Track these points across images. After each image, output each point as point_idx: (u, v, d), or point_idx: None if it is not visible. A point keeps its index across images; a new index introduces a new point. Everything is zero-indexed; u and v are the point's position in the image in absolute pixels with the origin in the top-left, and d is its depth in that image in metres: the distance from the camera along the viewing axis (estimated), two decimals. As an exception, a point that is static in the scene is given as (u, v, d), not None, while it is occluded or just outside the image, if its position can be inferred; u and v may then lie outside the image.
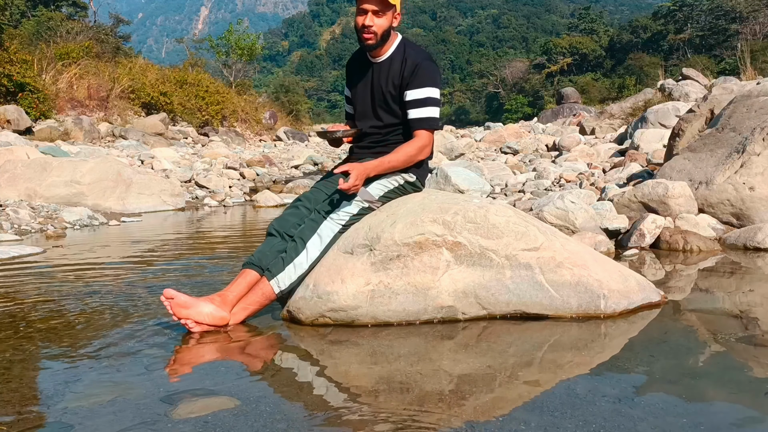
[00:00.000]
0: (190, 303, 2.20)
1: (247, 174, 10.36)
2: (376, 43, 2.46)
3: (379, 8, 2.40)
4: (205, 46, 32.81)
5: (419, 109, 2.45)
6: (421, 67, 2.45)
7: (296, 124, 27.81)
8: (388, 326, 2.24)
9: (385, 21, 2.43)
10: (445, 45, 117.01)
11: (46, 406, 1.61)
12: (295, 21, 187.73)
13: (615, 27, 76.55)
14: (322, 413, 1.54)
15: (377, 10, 2.40)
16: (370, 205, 2.46)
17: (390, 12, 2.44)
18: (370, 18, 2.40)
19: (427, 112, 2.46)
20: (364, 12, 2.42)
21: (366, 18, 2.41)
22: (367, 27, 2.41)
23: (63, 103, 13.46)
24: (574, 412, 1.50)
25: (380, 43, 2.47)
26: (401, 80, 2.47)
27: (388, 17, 2.43)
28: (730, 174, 4.07)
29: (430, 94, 2.46)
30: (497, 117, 48.63)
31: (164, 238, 4.83)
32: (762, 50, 26.16)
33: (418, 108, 2.45)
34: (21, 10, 24.47)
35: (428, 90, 2.46)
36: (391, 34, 2.50)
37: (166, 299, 2.18)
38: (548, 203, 3.99)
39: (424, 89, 2.45)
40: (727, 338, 2.05)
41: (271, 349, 2.14)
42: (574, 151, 9.40)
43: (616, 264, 2.54)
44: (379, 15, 2.41)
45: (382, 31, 2.43)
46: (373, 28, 2.41)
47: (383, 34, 2.44)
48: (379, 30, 2.42)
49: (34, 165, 6.48)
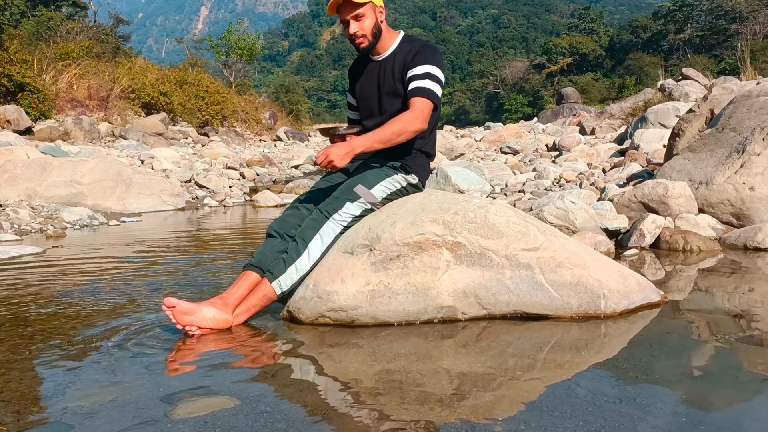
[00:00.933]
0: (192, 309, 2.20)
1: (247, 174, 10.36)
2: (371, 43, 2.50)
3: (356, 11, 2.44)
4: (205, 46, 32.86)
5: (416, 81, 2.43)
6: (423, 49, 2.48)
7: (296, 124, 27.83)
8: (388, 326, 2.24)
9: (368, 21, 2.46)
10: (445, 45, 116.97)
11: (46, 406, 1.61)
12: (295, 21, 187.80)
13: (615, 27, 76.63)
14: (322, 413, 1.54)
15: (356, 14, 2.44)
16: (373, 206, 2.47)
17: (368, 10, 2.46)
18: (353, 25, 2.46)
19: (424, 83, 2.42)
20: (346, 23, 2.48)
21: (350, 27, 2.47)
22: (354, 34, 2.47)
23: (63, 103, 13.47)
24: (574, 412, 1.50)
25: (375, 42, 2.51)
26: (404, 65, 2.48)
27: (369, 16, 2.46)
28: (730, 174, 4.07)
29: (429, 70, 2.44)
30: (497, 117, 48.66)
31: (164, 238, 4.83)
32: (762, 50, 26.17)
33: (415, 81, 2.43)
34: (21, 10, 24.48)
35: (427, 66, 2.44)
36: (383, 30, 2.53)
37: (168, 308, 2.17)
38: (548, 203, 3.99)
39: (423, 66, 2.44)
40: (727, 338, 2.05)
41: (271, 349, 2.14)
42: (574, 151, 9.40)
43: (616, 264, 2.54)
44: (360, 18, 2.45)
45: (370, 30, 2.48)
46: (359, 32, 2.47)
47: (373, 32, 2.49)
48: (367, 31, 2.47)
49: (34, 165, 6.48)
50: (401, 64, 2.50)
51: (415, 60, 2.46)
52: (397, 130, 2.36)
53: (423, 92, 2.40)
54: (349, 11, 2.44)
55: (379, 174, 2.50)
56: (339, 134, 2.60)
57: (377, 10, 2.49)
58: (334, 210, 2.42)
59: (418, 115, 2.38)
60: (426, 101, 2.40)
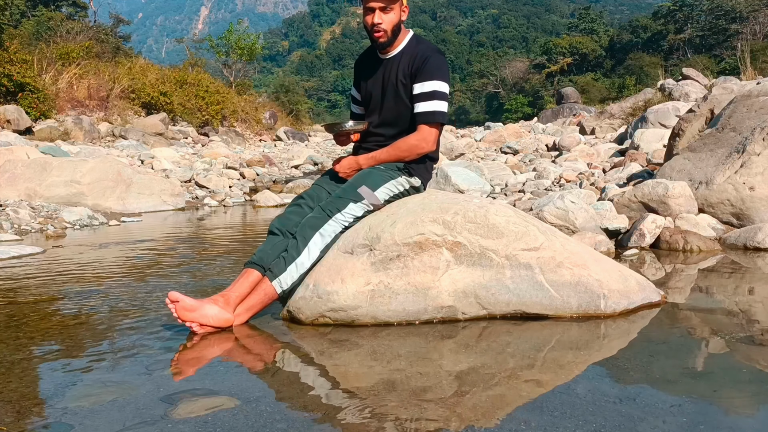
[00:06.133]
0: (195, 306, 2.20)
1: (247, 174, 10.36)
2: (388, 40, 2.49)
3: (385, 3, 2.42)
4: (205, 46, 32.85)
5: (425, 102, 2.46)
6: (431, 60, 2.47)
7: (296, 124, 27.83)
8: (388, 326, 2.24)
9: (393, 16, 2.45)
10: (445, 45, 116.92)
11: (46, 406, 1.61)
12: (295, 21, 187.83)
13: (615, 27, 76.59)
14: (322, 413, 1.54)
15: (383, 6, 2.42)
16: (375, 208, 2.47)
17: (397, 6, 2.45)
18: (378, 15, 2.43)
19: (432, 106, 2.46)
20: (371, 10, 2.44)
21: (374, 16, 2.43)
22: (376, 25, 2.44)
23: (63, 103, 13.46)
24: (574, 412, 1.50)
25: (392, 40, 2.50)
26: (411, 70, 2.48)
27: (396, 12, 2.46)
28: (730, 174, 4.07)
29: (438, 88, 2.46)
30: (497, 117, 48.64)
31: (164, 238, 4.83)
32: (762, 50, 26.16)
33: (423, 102, 2.46)
34: (21, 10, 24.48)
35: (435, 83, 2.46)
36: (401, 29, 2.52)
37: (171, 302, 2.17)
38: (548, 203, 3.99)
39: (431, 82, 2.46)
40: (727, 338, 2.05)
41: (271, 348, 2.14)
42: (574, 151, 9.40)
43: (616, 264, 2.54)
44: (386, 11, 2.43)
45: (392, 26, 2.46)
46: (382, 25, 2.44)
47: (393, 29, 2.47)
48: (389, 26, 2.45)
49: (34, 165, 6.48)
50: (406, 67, 2.50)
51: (424, 73, 2.46)
52: (401, 154, 2.49)
53: (431, 117, 2.46)
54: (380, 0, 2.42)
55: (383, 176, 2.50)
56: (345, 130, 2.60)
57: (402, 7, 2.49)
58: (336, 210, 2.42)
59: (425, 138, 2.48)
60: (433, 129, 2.49)
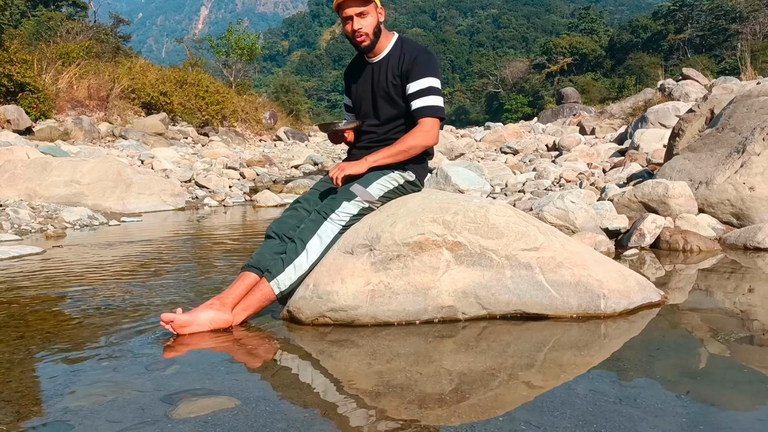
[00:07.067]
0: (189, 320, 2.19)
1: (247, 174, 10.36)
2: (372, 42, 2.53)
3: (360, 8, 2.47)
4: (205, 46, 32.85)
5: (422, 98, 2.49)
6: (420, 58, 2.51)
7: (296, 124, 27.83)
8: (388, 326, 2.24)
9: (371, 18, 2.50)
10: (445, 45, 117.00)
11: (46, 406, 1.61)
12: (295, 21, 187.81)
13: (615, 27, 76.61)
14: (322, 413, 1.54)
15: (359, 11, 2.47)
16: (370, 205, 2.46)
17: (371, 8, 2.50)
18: (356, 21, 2.49)
19: (430, 101, 2.49)
20: (349, 19, 2.50)
21: (353, 23, 2.49)
22: (357, 30, 2.49)
23: (63, 103, 13.46)
24: (574, 412, 1.50)
25: (375, 42, 2.54)
26: (401, 71, 2.52)
27: (372, 14, 2.50)
28: (730, 174, 4.07)
29: (432, 84, 2.50)
30: (497, 117, 48.68)
31: (164, 237, 4.83)
32: (762, 50, 26.18)
33: (420, 98, 2.49)
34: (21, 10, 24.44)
35: (429, 80, 2.50)
36: (382, 31, 2.56)
37: (166, 323, 2.17)
38: (548, 203, 3.99)
39: (425, 79, 2.49)
40: (727, 338, 2.05)
41: (271, 348, 2.14)
42: (574, 151, 9.40)
43: (616, 264, 2.54)
44: (363, 15, 2.49)
45: (372, 29, 2.51)
46: (362, 30, 2.49)
47: (374, 31, 2.52)
48: (369, 29, 2.51)
49: (34, 165, 6.48)
50: (396, 68, 2.53)
51: (415, 72, 2.49)
52: (406, 148, 2.48)
53: (431, 111, 2.49)
54: (354, 6, 2.46)
55: (375, 172, 2.50)
56: (339, 129, 2.60)
57: (378, 9, 2.53)
58: (331, 210, 2.43)
59: (428, 131, 2.49)
60: (434, 120, 2.50)
